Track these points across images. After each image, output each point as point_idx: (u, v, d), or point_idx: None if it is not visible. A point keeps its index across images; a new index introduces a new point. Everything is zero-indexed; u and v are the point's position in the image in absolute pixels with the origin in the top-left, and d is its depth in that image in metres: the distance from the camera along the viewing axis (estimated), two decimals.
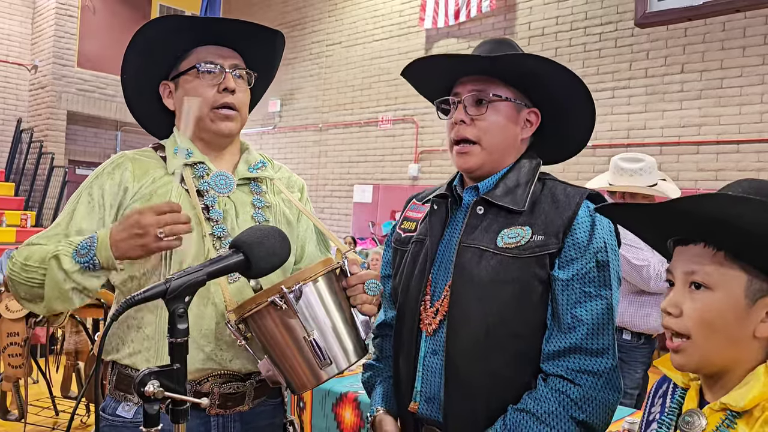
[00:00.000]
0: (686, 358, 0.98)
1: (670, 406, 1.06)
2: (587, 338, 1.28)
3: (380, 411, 1.47)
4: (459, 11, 7.77)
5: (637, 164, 3.15)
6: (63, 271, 1.30)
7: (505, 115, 1.38)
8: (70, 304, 1.35)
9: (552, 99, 1.40)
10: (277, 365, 1.30)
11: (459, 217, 1.43)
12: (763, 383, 0.92)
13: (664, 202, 0.98)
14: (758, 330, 0.94)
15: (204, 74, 1.47)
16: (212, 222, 1.44)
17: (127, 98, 1.57)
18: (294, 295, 1.24)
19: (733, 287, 0.94)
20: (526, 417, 1.26)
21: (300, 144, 10.09)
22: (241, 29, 1.51)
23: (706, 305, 0.95)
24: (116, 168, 1.47)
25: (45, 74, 9.95)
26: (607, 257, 1.31)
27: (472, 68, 1.40)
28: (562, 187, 1.39)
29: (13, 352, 4.18)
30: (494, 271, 1.31)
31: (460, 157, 1.40)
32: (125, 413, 1.40)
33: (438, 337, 1.36)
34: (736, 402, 0.93)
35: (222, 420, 1.43)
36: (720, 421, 0.94)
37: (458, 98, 1.40)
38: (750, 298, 0.94)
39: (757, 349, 0.95)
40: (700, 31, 6.01)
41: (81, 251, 1.31)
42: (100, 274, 1.34)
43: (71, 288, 1.32)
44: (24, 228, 8.81)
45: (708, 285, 0.95)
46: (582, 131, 1.46)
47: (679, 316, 0.98)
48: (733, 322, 0.94)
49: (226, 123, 1.49)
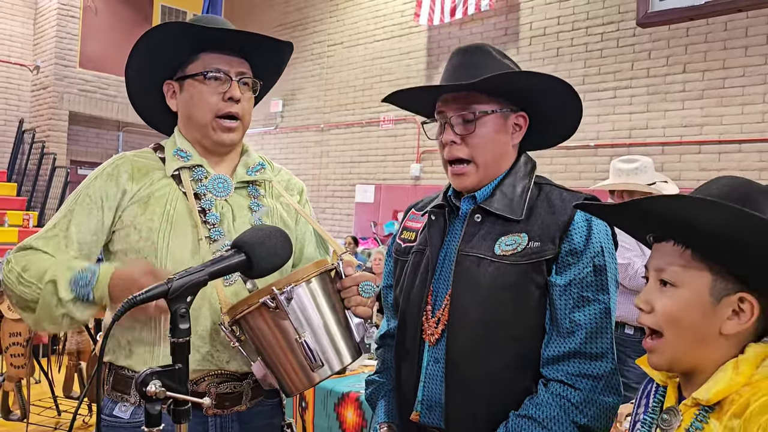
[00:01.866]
0: (658, 356, 1.00)
1: (652, 405, 1.08)
2: (586, 342, 1.28)
3: (384, 428, 1.47)
4: (455, 8, 7.75)
5: (632, 164, 3.27)
6: (58, 297, 1.30)
7: (493, 127, 1.37)
8: (59, 327, 1.36)
9: (537, 102, 1.39)
10: (269, 367, 1.30)
11: (457, 225, 1.43)
12: (730, 377, 0.94)
13: (629, 202, 1.01)
14: (724, 328, 0.96)
15: (210, 81, 1.46)
16: (209, 225, 1.44)
17: (129, 93, 1.56)
18: (285, 297, 1.23)
19: (699, 285, 0.96)
20: (527, 422, 1.26)
21: (302, 144, 10.09)
22: (252, 40, 1.50)
23: (674, 302, 0.98)
24: (115, 169, 1.47)
25: (47, 75, 9.96)
26: (604, 261, 1.31)
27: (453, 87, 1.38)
28: (558, 192, 1.39)
29: (16, 352, 4.19)
30: (492, 277, 1.31)
31: (456, 178, 1.40)
32: (122, 414, 1.40)
33: (440, 346, 1.36)
34: (702, 396, 0.95)
35: (219, 420, 1.43)
36: (694, 417, 0.96)
37: (444, 118, 1.39)
38: (715, 296, 0.96)
39: (726, 347, 0.97)
40: (702, 31, 6.00)
41: (80, 282, 1.31)
42: (93, 308, 1.35)
43: (63, 314, 1.32)
44: (26, 228, 8.82)
45: (675, 283, 0.98)
46: (570, 122, 1.44)
47: (650, 312, 1.00)
48: (699, 320, 0.96)
49: (228, 134, 1.49)
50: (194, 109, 1.48)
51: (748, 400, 0.91)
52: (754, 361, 0.94)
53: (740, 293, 0.95)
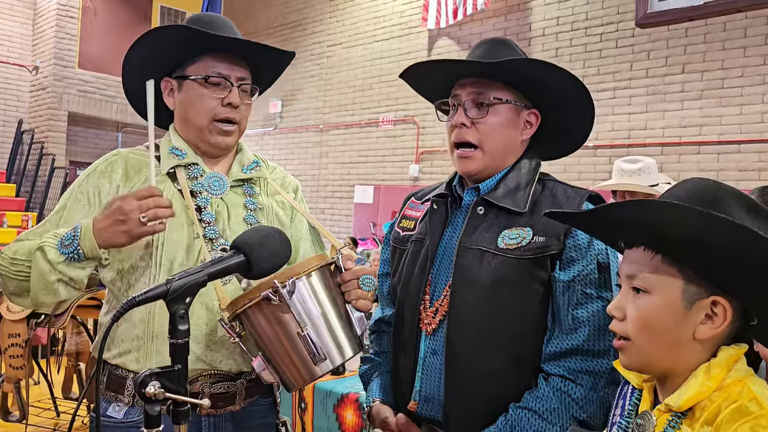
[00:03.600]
0: (629, 358, 1.00)
1: (628, 408, 1.08)
2: (588, 340, 1.28)
3: (377, 401, 1.47)
4: (457, 10, 7.77)
5: (636, 165, 3.27)
6: (48, 262, 1.30)
7: (505, 117, 1.38)
8: (56, 295, 1.34)
9: (552, 101, 1.40)
10: (270, 362, 1.29)
11: (459, 217, 1.43)
12: (701, 383, 0.93)
13: (597, 208, 1.02)
14: (697, 332, 0.95)
15: (211, 85, 1.46)
16: (204, 223, 1.44)
17: (126, 87, 1.55)
18: (287, 290, 1.23)
19: (670, 291, 0.95)
20: (527, 414, 1.26)
21: (301, 145, 10.09)
22: (258, 49, 1.50)
23: (646, 309, 0.96)
24: (108, 166, 1.47)
25: (46, 75, 9.95)
26: (607, 259, 1.31)
27: (472, 71, 1.39)
28: (562, 188, 1.39)
29: (14, 353, 4.18)
30: (495, 271, 1.31)
31: (461, 161, 1.40)
32: (115, 413, 1.40)
33: (438, 336, 1.36)
34: (673, 402, 0.94)
35: (213, 420, 1.43)
36: (666, 423, 0.95)
37: (458, 101, 1.40)
38: (687, 300, 0.95)
39: (699, 351, 0.96)
40: (701, 32, 6.00)
41: (65, 242, 1.30)
42: (85, 265, 1.33)
43: (57, 279, 1.32)
44: (25, 229, 8.80)
45: (646, 289, 0.97)
46: (581, 131, 1.46)
47: (623, 319, 0.99)
48: (672, 325, 0.95)
49: (223, 138, 1.49)
50: (192, 111, 1.48)
51: (719, 406, 0.90)
52: (725, 364, 0.94)
53: (713, 297, 0.94)
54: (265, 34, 10.39)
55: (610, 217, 1.01)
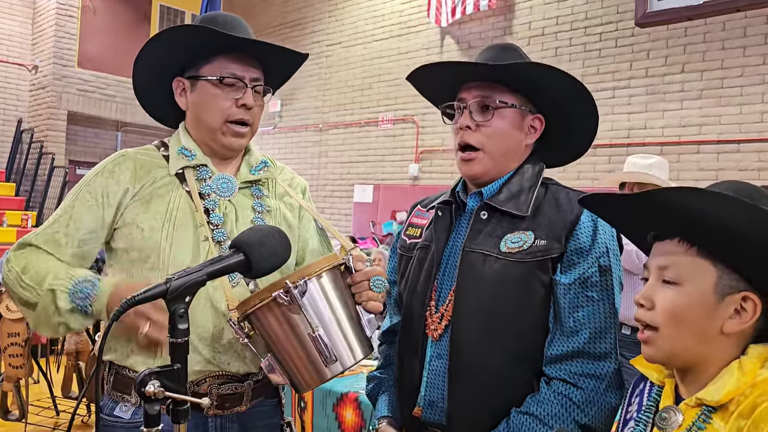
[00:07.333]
0: (655, 349, 1.00)
1: (646, 404, 1.08)
2: (589, 342, 1.28)
3: (383, 423, 1.47)
4: (455, 8, 7.76)
5: (648, 160, 3.40)
6: (56, 306, 1.32)
7: (510, 121, 1.39)
8: (55, 333, 1.38)
9: (557, 106, 1.40)
10: (280, 363, 1.28)
11: (463, 222, 1.43)
12: (737, 378, 0.93)
13: (639, 193, 1.00)
14: (726, 326, 0.96)
15: (225, 86, 1.45)
16: (212, 226, 1.43)
17: (136, 86, 1.54)
18: (299, 290, 1.22)
19: (703, 283, 0.96)
20: (529, 419, 1.26)
21: (300, 144, 10.08)
22: (274, 51, 1.50)
23: (676, 299, 0.97)
24: (117, 166, 1.46)
25: (45, 74, 9.94)
26: (609, 262, 1.31)
27: (479, 75, 1.39)
28: (564, 191, 1.40)
29: (14, 353, 4.18)
30: (497, 274, 1.32)
31: (464, 164, 1.40)
32: (123, 414, 1.40)
33: (443, 342, 1.36)
34: (711, 397, 0.94)
35: (219, 420, 1.43)
36: (696, 417, 0.96)
37: (463, 104, 1.40)
38: (718, 294, 0.95)
39: (727, 346, 0.97)
40: (701, 31, 6.00)
41: (79, 294, 1.32)
42: (90, 320, 1.37)
43: (60, 323, 1.34)
44: (24, 228, 8.80)
45: (678, 280, 0.97)
46: (585, 138, 1.46)
47: (651, 308, 1.00)
48: (702, 317, 0.96)
49: (237, 139, 1.49)
50: (206, 111, 1.47)
51: (754, 401, 0.91)
52: (757, 361, 0.95)
53: (744, 292, 0.95)
54: (265, 33, 10.38)
55: (653, 203, 1.00)
